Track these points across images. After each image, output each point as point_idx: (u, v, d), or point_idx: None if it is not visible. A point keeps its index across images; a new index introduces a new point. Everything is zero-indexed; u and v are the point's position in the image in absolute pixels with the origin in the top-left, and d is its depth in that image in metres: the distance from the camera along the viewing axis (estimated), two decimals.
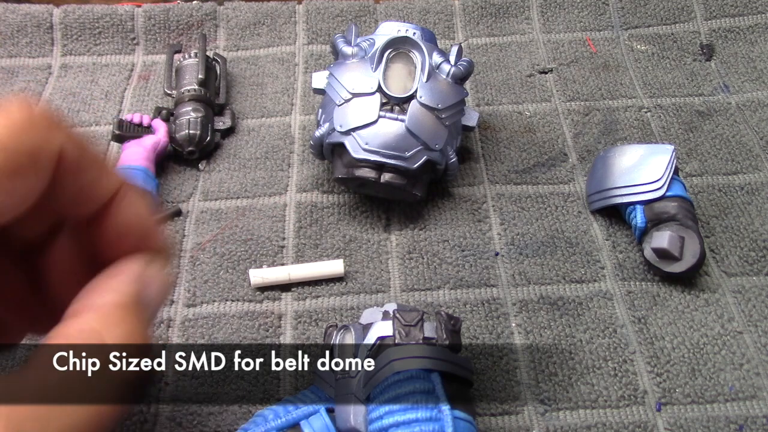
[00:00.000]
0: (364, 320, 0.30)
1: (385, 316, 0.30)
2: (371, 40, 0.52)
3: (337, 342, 0.29)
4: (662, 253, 0.48)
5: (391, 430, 0.24)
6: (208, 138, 0.58)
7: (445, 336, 0.28)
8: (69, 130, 0.20)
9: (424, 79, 0.50)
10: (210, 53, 0.65)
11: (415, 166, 0.49)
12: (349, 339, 0.29)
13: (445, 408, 0.25)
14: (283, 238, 0.53)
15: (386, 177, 0.49)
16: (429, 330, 0.28)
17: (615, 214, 0.53)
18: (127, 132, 0.55)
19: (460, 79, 0.52)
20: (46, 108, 0.20)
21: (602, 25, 0.70)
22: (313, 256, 0.52)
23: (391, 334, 0.28)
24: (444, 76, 0.52)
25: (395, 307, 0.30)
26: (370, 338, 0.28)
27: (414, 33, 0.53)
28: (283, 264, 0.51)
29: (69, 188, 0.21)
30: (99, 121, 0.62)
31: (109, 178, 0.22)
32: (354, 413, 0.25)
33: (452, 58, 0.53)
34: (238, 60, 0.68)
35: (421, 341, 0.28)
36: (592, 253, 0.51)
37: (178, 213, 0.54)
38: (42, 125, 0.19)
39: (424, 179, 0.52)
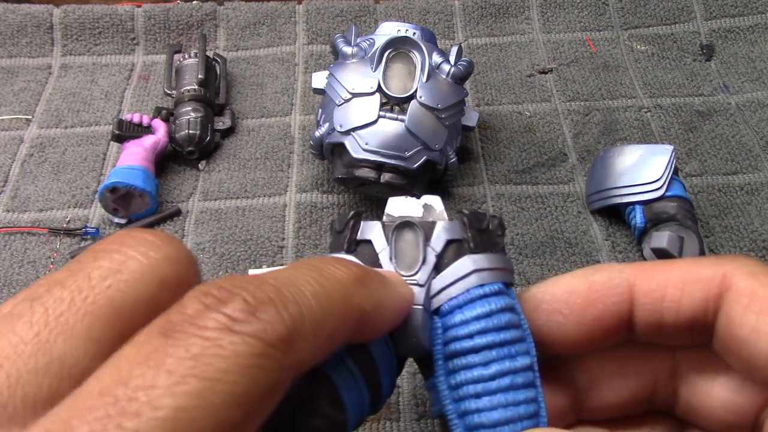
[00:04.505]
0: (393, 212, 0.25)
1: (427, 210, 0.25)
2: (371, 40, 0.52)
3: (393, 240, 0.23)
4: (661, 254, 0.48)
5: (473, 356, 0.22)
6: (208, 138, 0.58)
7: (471, 237, 0.23)
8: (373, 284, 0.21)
9: (424, 79, 0.50)
10: (210, 53, 0.65)
11: (415, 166, 0.49)
12: (412, 240, 0.24)
13: (525, 324, 0.23)
14: (283, 239, 0.53)
15: (386, 177, 0.49)
16: (452, 231, 0.24)
17: (615, 214, 0.53)
18: (127, 132, 0.55)
19: (460, 79, 0.52)
20: (353, 266, 0.20)
21: (602, 25, 0.70)
22: (312, 256, 0.52)
23: (460, 237, 0.24)
24: (444, 76, 0.52)
25: (438, 201, 0.25)
26: (435, 241, 0.23)
27: (414, 33, 0.53)
28: (283, 264, 0.51)
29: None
30: (99, 121, 0.63)
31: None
32: (422, 328, 0.22)
33: (452, 58, 0.53)
34: (238, 60, 0.68)
35: (501, 250, 0.24)
36: (592, 254, 0.51)
37: (178, 213, 0.54)
38: (357, 284, 0.20)
39: (423, 179, 0.52)
